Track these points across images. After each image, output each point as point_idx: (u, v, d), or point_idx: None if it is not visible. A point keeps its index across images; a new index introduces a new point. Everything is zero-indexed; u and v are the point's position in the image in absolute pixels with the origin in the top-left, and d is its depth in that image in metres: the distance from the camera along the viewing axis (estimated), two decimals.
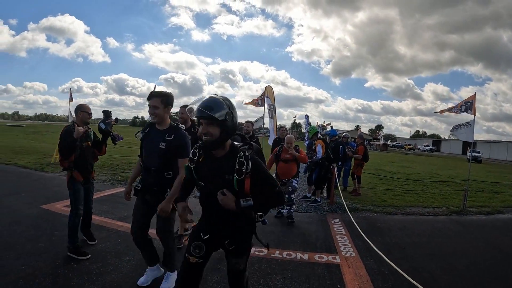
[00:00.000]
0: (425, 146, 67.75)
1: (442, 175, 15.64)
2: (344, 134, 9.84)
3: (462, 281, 3.75)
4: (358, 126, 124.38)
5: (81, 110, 3.81)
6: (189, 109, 2.09)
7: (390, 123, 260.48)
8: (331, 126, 17.11)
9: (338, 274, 3.73)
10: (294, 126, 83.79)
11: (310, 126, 11.62)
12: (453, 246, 5.00)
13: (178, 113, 4.83)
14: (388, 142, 70.49)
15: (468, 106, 8.07)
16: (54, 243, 4.01)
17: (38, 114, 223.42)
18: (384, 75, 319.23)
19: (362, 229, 5.19)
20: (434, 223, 6.35)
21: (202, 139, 1.96)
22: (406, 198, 8.62)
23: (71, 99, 13.58)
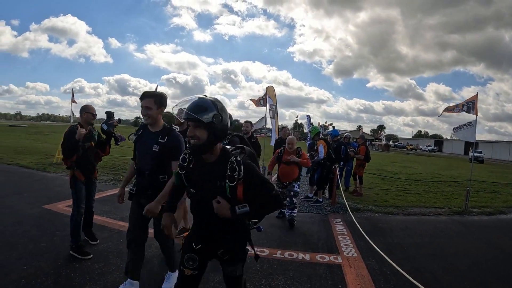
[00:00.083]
0: (427, 146, 67.60)
1: (444, 175, 15.60)
2: (346, 134, 9.83)
3: (464, 281, 3.73)
4: (360, 126, 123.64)
5: (85, 111, 3.85)
6: (177, 110, 1.99)
7: (392, 123, 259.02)
8: (333, 126, 17.11)
9: (340, 274, 3.72)
10: (296, 126, 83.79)
11: (312, 126, 11.60)
12: (455, 247, 4.99)
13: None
14: (390, 142, 70.40)
15: (470, 106, 8.05)
16: (56, 243, 4.02)
17: (40, 114, 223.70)
18: (386, 75, 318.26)
19: (364, 229, 5.19)
20: (436, 224, 6.34)
21: (190, 143, 1.88)
22: (408, 198, 8.61)
23: (73, 100, 13.66)
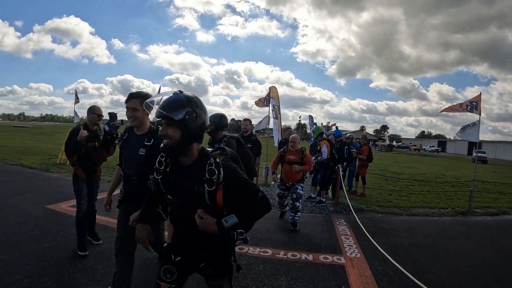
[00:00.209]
0: (430, 147, 67.31)
1: (448, 176, 15.52)
2: (348, 134, 9.79)
3: (468, 282, 3.71)
4: (363, 126, 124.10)
5: (91, 111, 3.94)
6: (145, 104, 1.79)
7: (395, 124, 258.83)
8: (336, 127, 17.05)
9: (343, 275, 3.71)
10: (299, 126, 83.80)
11: (315, 126, 11.58)
12: (458, 247, 4.96)
13: None
14: (393, 143, 70.28)
15: (473, 106, 8.01)
16: (59, 243, 4.03)
17: (43, 115, 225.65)
18: (389, 76, 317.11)
19: (367, 229, 5.16)
20: (439, 224, 6.30)
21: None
22: (411, 198, 8.58)
23: (77, 100, 13.70)
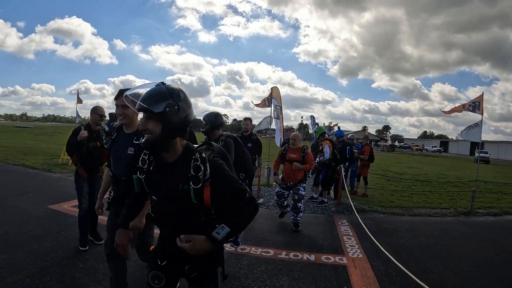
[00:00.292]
0: (432, 147, 67.18)
1: (450, 176, 15.49)
2: (350, 135, 9.75)
3: (470, 282, 3.69)
4: (365, 127, 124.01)
5: (94, 112, 3.99)
6: (125, 97, 1.63)
7: (397, 124, 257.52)
8: (338, 127, 17.04)
9: (345, 275, 3.70)
10: (301, 127, 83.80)
11: (317, 126, 11.55)
12: (460, 248, 4.94)
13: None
14: (395, 143, 70.15)
15: (476, 106, 7.98)
16: (60, 243, 4.03)
17: (46, 115, 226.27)
18: (391, 76, 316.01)
19: (369, 230, 5.14)
20: (441, 224, 6.28)
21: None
22: (413, 199, 8.55)
23: (79, 101, 13.73)
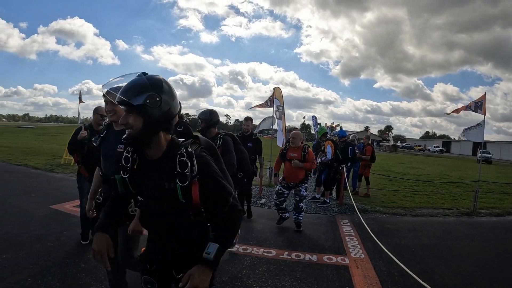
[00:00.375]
0: (435, 147, 66.89)
1: (452, 176, 15.44)
2: (351, 136, 9.73)
3: (472, 283, 3.67)
4: (367, 127, 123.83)
5: (96, 112, 4.01)
6: (107, 92, 1.56)
7: (399, 124, 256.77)
8: (341, 127, 17.00)
9: (347, 275, 3.68)
10: (303, 127, 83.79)
11: (320, 126, 11.51)
12: (463, 248, 4.92)
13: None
14: (397, 143, 70.06)
15: (478, 106, 7.95)
16: (62, 243, 4.04)
17: (48, 115, 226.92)
18: (393, 76, 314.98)
19: (371, 230, 5.14)
20: (444, 225, 6.25)
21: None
22: (415, 199, 8.52)
23: (81, 101, 13.78)
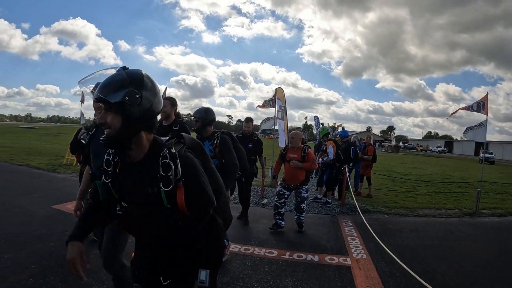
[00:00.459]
0: (437, 147, 66.61)
1: (455, 177, 15.38)
2: (353, 136, 9.69)
3: (474, 283, 3.66)
4: (369, 127, 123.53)
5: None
6: (84, 91, 1.43)
7: (401, 124, 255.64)
8: (343, 127, 16.96)
9: (349, 276, 3.67)
10: (305, 127, 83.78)
11: (322, 126, 11.49)
12: (465, 248, 4.90)
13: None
14: (399, 144, 69.86)
15: (480, 106, 7.93)
16: (64, 243, 4.01)
17: (50, 116, 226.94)
18: (395, 76, 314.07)
19: (373, 231, 5.12)
20: (446, 225, 6.23)
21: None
22: (418, 199, 8.49)
23: (83, 102, 13.82)
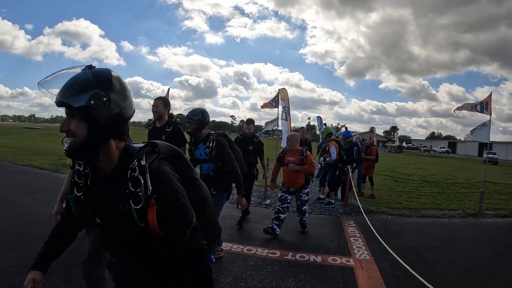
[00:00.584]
0: (440, 148, 66.34)
1: (458, 177, 15.31)
2: (355, 137, 9.66)
3: (478, 284, 3.65)
4: (373, 127, 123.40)
5: None
6: (43, 91, 1.13)
7: (405, 125, 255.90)
8: (346, 128, 16.94)
9: (352, 277, 3.67)
10: (309, 128, 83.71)
11: (325, 126, 11.48)
12: (469, 249, 4.88)
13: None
14: (403, 144, 69.68)
15: (484, 106, 7.90)
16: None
17: (54, 116, 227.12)
18: (398, 76, 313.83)
19: (376, 231, 5.10)
20: (449, 226, 6.20)
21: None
22: (421, 200, 8.45)
23: None
